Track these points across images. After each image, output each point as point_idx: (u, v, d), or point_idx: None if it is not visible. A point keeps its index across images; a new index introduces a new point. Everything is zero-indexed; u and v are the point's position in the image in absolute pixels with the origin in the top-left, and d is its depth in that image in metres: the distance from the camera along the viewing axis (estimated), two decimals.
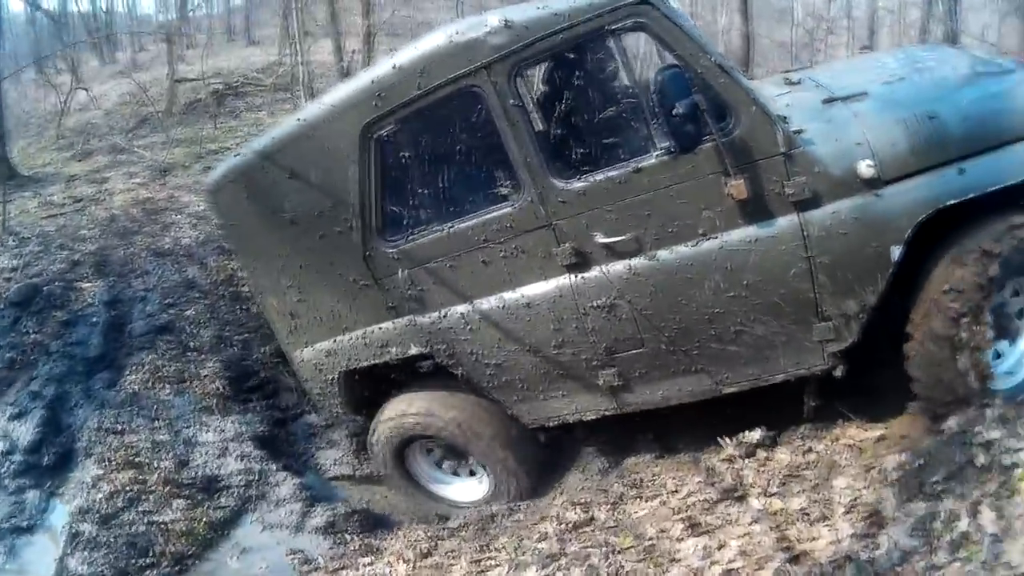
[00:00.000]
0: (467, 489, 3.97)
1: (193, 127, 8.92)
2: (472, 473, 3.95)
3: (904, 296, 2.92)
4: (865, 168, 2.72)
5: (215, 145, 8.36)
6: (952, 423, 2.89)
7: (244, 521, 4.02)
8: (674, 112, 2.61)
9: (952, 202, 2.72)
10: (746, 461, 3.34)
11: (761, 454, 3.37)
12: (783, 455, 3.33)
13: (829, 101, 3.06)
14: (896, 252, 2.75)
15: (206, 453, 4.35)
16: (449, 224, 3.19)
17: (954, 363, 2.84)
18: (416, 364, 4.05)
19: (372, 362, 3.62)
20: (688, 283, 2.96)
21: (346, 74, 9.62)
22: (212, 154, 8.04)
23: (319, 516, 3.92)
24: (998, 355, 3.03)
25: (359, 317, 3.58)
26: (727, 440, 3.45)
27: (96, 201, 7.19)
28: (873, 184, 2.74)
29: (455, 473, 3.98)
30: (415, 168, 3.23)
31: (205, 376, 4.85)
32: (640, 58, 2.92)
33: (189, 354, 5.05)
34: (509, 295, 3.22)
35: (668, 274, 2.97)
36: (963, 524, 2.41)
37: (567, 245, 3.05)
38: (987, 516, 2.43)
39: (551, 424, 3.54)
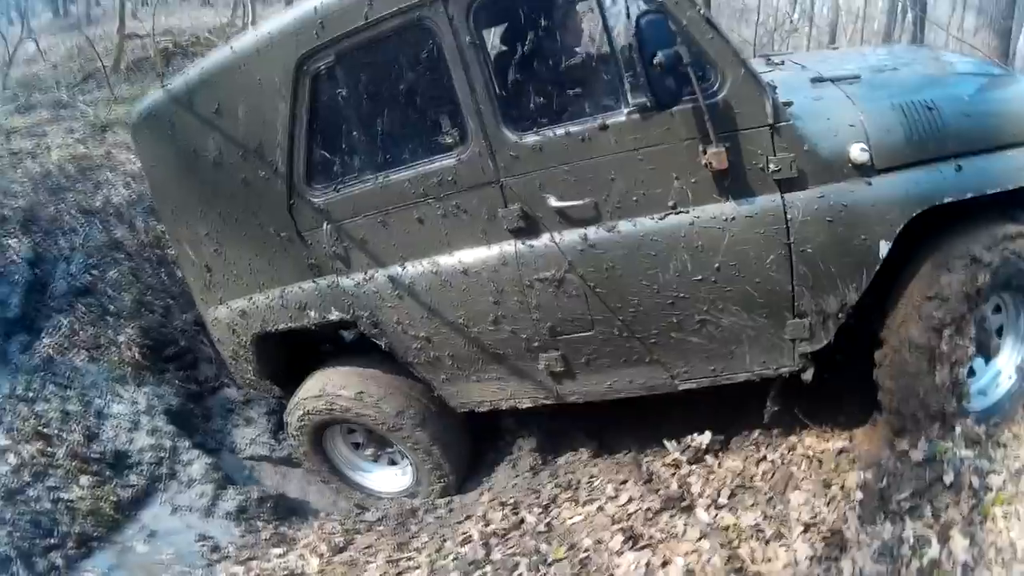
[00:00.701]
0: (388, 478, 3.50)
1: (139, 85, 8.29)
2: (393, 462, 3.47)
3: (877, 296, 2.58)
4: (858, 152, 2.37)
5: None
6: (920, 439, 2.64)
7: (153, 502, 3.66)
8: (654, 61, 2.18)
9: (949, 200, 2.41)
10: (692, 467, 3.03)
11: (709, 460, 3.05)
12: (733, 462, 3.02)
13: (818, 80, 2.71)
14: (884, 248, 2.41)
15: (117, 426, 3.92)
16: (384, 174, 2.70)
17: (931, 376, 2.54)
18: (340, 333, 3.58)
19: (288, 325, 3.11)
20: (650, 261, 2.52)
21: None
22: None
23: (231, 500, 3.61)
24: (972, 372, 2.72)
25: (278, 274, 3.08)
26: (672, 442, 3.12)
27: (32, 156, 6.70)
28: (865, 171, 2.39)
29: (376, 460, 3.49)
30: (351, 109, 2.71)
31: (122, 343, 4.34)
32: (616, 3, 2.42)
33: (108, 318, 4.55)
34: (445, 259, 2.74)
35: (628, 249, 2.52)
36: (933, 550, 2.23)
37: (515, 207, 2.58)
38: (959, 543, 2.24)
39: (481, 410, 3.07)
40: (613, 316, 2.63)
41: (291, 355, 3.48)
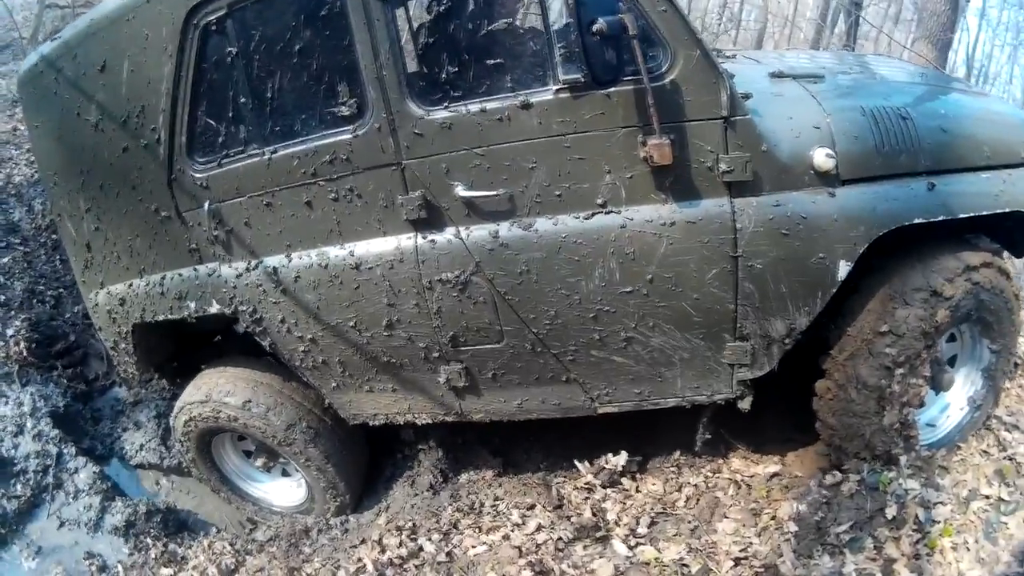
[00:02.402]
0: (282, 490, 2.88)
1: None
2: (287, 473, 2.86)
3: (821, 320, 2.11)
4: (823, 158, 1.89)
5: None
6: (861, 467, 2.31)
7: (40, 514, 3.10)
8: (594, 29, 1.66)
9: (919, 220, 1.97)
10: (608, 491, 2.60)
11: (626, 483, 2.64)
12: (653, 486, 2.62)
13: (779, 75, 2.20)
14: (844, 269, 1.96)
15: (2, 430, 3.29)
16: (271, 148, 2.11)
17: (879, 418, 2.15)
18: (230, 326, 2.95)
19: (167, 317, 2.49)
20: (572, 267, 1.98)
21: None
22: None
23: (118, 513, 3.07)
24: (921, 403, 2.27)
25: (158, 258, 2.46)
26: (585, 463, 2.68)
27: None
28: (828, 180, 1.92)
29: (268, 471, 2.86)
30: (241, 70, 2.10)
31: (10, 336, 3.65)
32: None
33: None
34: (334, 251, 2.16)
35: (547, 251, 1.97)
36: None
37: (417, 193, 2.01)
38: None
39: (375, 423, 2.50)
40: (525, 328, 2.08)
41: (178, 346, 2.86)
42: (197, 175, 2.24)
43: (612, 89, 1.81)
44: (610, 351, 2.08)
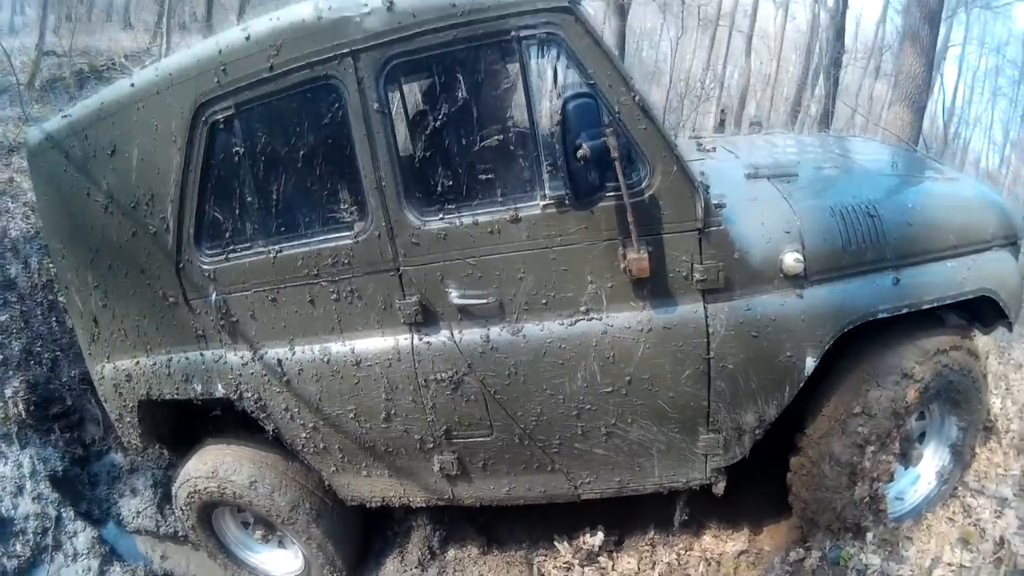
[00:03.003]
0: (279, 561, 2.88)
1: (51, 106, 7.13)
2: (282, 544, 2.87)
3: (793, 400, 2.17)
4: (793, 262, 1.96)
5: None
6: (825, 542, 2.35)
7: (38, 574, 3.09)
8: (578, 152, 1.72)
9: (883, 315, 2.05)
10: (585, 569, 2.63)
11: (603, 561, 2.67)
12: (628, 564, 2.65)
13: (754, 176, 2.27)
14: (811, 363, 2.04)
15: (2, 490, 3.27)
16: (276, 246, 2.18)
17: (850, 492, 2.20)
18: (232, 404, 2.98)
19: (174, 396, 2.54)
20: (557, 369, 2.06)
21: None
22: None
23: None
24: (890, 478, 2.31)
25: (165, 339, 2.50)
26: (564, 543, 2.71)
27: None
28: (797, 281, 1.97)
29: (266, 542, 2.88)
30: (247, 168, 2.17)
31: (9, 397, 3.62)
32: (540, 78, 1.87)
33: None
34: (336, 347, 2.22)
35: (533, 354, 2.06)
36: None
37: (413, 298, 2.09)
38: None
39: (372, 505, 2.54)
40: (513, 423, 2.15)
41: (180, 419, 2.86)
42: (205, 266, 2.29)
43: (595, 204, 1.88)
44: (592, 444, 2.15)
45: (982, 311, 2.35)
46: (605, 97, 1.84)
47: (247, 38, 2.03)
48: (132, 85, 2.28)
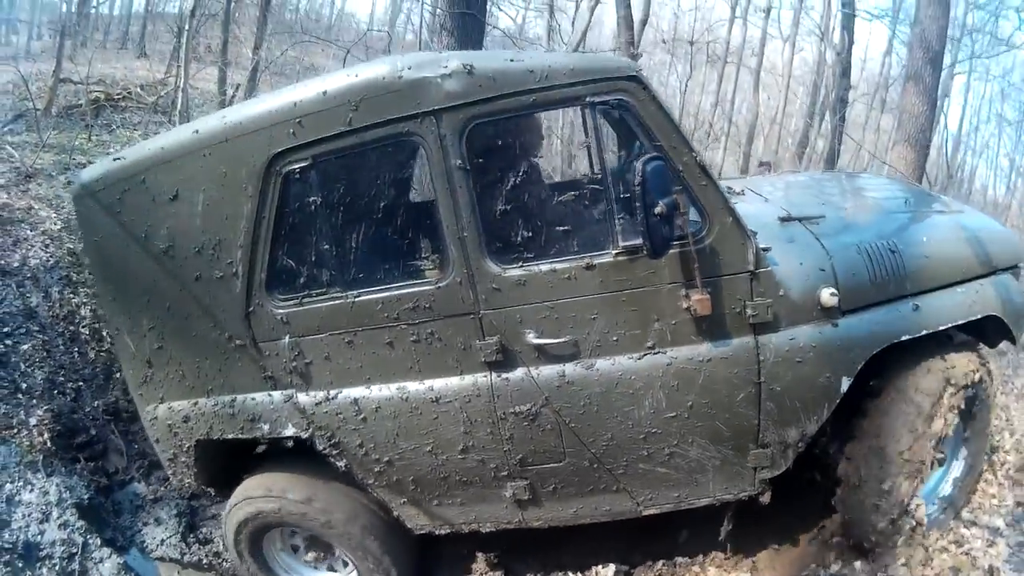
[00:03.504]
0: None
1: (67, 133, 7.55)
2: (333, 568, 3.12)
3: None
4: (828, 296, 2.35)
5: (84, 158, 7.09)
6: (818, 569, 2.78)
7: None
8: (655, 209, 2.05)
9: (906, 338, 2.46)
10: None
11: None
12: None
13: (786, 220, 2.66)
14: (846, 383, 2.42)
15: (28, 515, 3.44)
16: (355, 292, 2.41)
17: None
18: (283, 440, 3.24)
19: (237, 436, 2.73)
20: (627, 399, 2.37)
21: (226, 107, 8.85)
22: (80, 167, 6.79)
23: None
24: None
25: (228, 381, 2.69)
26: (578, 575, 3.03)
27: None
28: (832, 313, 2.37)
29: (317, 565, 3.12)
30: (324, 219, 2.41)
31: (34, 426, 3.80)
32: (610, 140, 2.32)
33: (20, 396, 3.97)
34: (414, 386, 2.47)
35: (606, 386, 2.37)
36: None
37: (493, 339, 2.37)
38: None
39: (441, 532, 2.79)
40: (585, 449, 2.45)
41: (231, 458, 3.06)
42: (277, 310, 2.48)
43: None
44: (655, 464, 2.47)
45: (986, 329, 2.79)
46: (671, 159, 2.16)
47: (324, 93, 2.25)
48: (196, 132, 2.45)
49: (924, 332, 2.48)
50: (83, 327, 4.53)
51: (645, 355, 2.34)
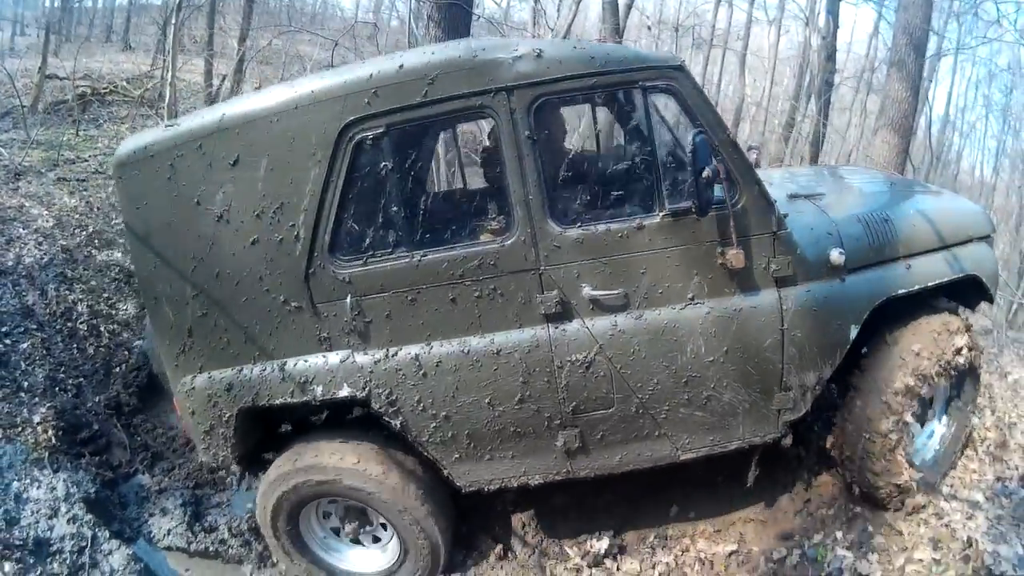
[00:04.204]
0: (368, 559, 3.48)
1: (55, 130, 7.86)
2: (363, 542, 3.49)
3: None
4: (837, 256, 2.94)
5: (72, 153, 7.31)
6: (803, 542, 3.20)
7: None
8: (703, 175, 2.56)
9: (902, 292, 3.08)
10: (593, 571, 3.35)
11: (608, 563, 3.39)
12: (631, 565, 3.37)
13: (794, 196, 3.27)
14: (854, 331, 2.98)
15: (37, 512, 3.76)
16: (421, 252, 2.79)
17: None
18: (313, 415, 3.51)
19: (287, 400, 3.00)
20: (671, 345, 2.84)
21: (213, 99, 8.99)
22: (69, 163, 7.16)
23: None
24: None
25: (279, 345, 2.97)
26: (573, 548, 3.45)
27: None
28: (839, 271, 2.96)
29: (355, 540, 3.48)
30: (393, 183, 2.78)
31: (38, 423, 4.10)
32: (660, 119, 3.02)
33: (22, 395, 4.26)
34: (476, 340, 2.85)
35: (653, 334, 2.83)
36: None
37: (553, 293, 2.79)
38: None
39: (491, 488, 3.14)
40: (633, 395, 2.88)
41: (266, 433, 3.34)
42: (340, 271, 2.79)
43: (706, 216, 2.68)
44: (694, 408, 2.92)
45: (968, 296, 3.46)
46: (709, 135, 2.66)
47: (400, 67, 2.64)
48: (262, 100, 2.77)
49: (917, 287, 3.07)
50: (81, 323, 4.79)
51: (687, 306, 2.83)
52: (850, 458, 3.25)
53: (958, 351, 3.15)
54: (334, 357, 2.97)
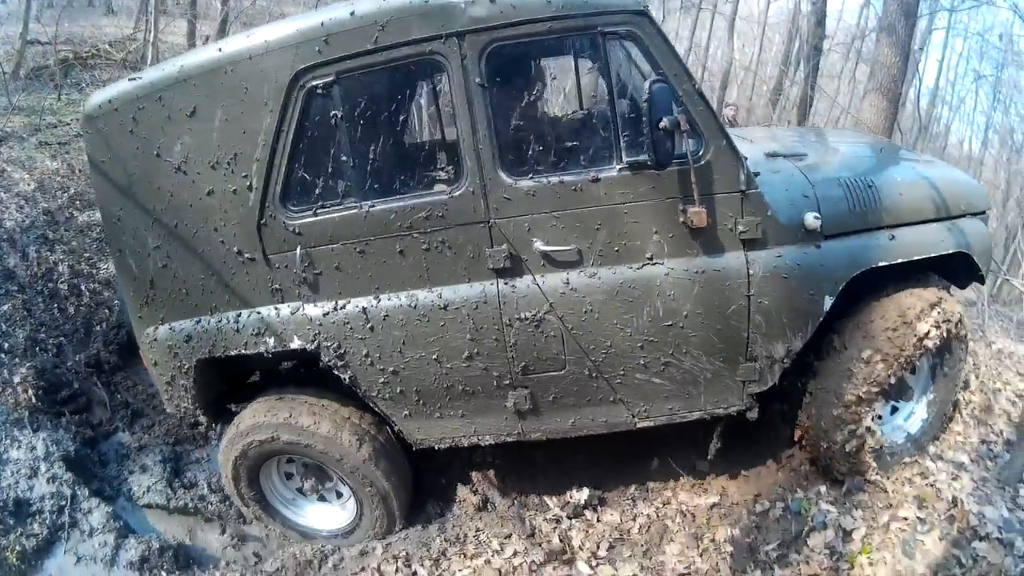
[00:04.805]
0: (327, 516, 3.50)
1: (37, 95, 8.00)
2: (328, 499, 3.49)
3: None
4: (812, 220, 2.76)
5: (55, 118, 7.44)
6: (785, 495, 3.14)
7: (56, 551, 3.66)
8: (660, 125, 2.43)
9: (883, 264, 2.85)
10: (573, 521, 3.32)
11: (588, 515, 3.36)
12: (611, 517, 3.35)
13: (772, 155, 3.08)
14: (828, 302, 2.80)
15: (17, 472, 3.83)
16: (369, 202, 2.73)
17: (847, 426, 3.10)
18: (279, 365, 3.51)
19: (241, 352, 2.99)
20: (626, 306, 2.73)
21: None
22: (51, 127, 7.28)
23: (132, 549, 3.65)
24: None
25: (234, 296, 2.97)
26: (553, 499, 3.41)
27: None
28: (814, 236, 2.78)
29: (314, 495, 3.47)
30: (343, 132, 2.71)
31: (18, 384, 4.16)
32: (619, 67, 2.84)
33: (2, 355, 4.34)
34: (423, 294, 2.79)
35: (607, 294, 2.72)
36: None
37: (503, 247, 2.70)
38: None
39: (441, 446, 3.09)
40: (585, 356, 2.78)
41: (227, 385, 3.36)
42: (290, 222, 2.75)
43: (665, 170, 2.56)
44: (651, 374, 2.80)
45: (958, 274, 3.21)
46: (672, 85, 2.50)
47: (352, 14, 2.56)
48: (219, 51, 2.72)
49: (900, 260, 2.87)
50: (62, 283, 4.87)
51: (644, 265, 2.70)
52: (818, 456, 3.16)
53: (922, 338, 2.93)
54: (285, 309, 2.95)
